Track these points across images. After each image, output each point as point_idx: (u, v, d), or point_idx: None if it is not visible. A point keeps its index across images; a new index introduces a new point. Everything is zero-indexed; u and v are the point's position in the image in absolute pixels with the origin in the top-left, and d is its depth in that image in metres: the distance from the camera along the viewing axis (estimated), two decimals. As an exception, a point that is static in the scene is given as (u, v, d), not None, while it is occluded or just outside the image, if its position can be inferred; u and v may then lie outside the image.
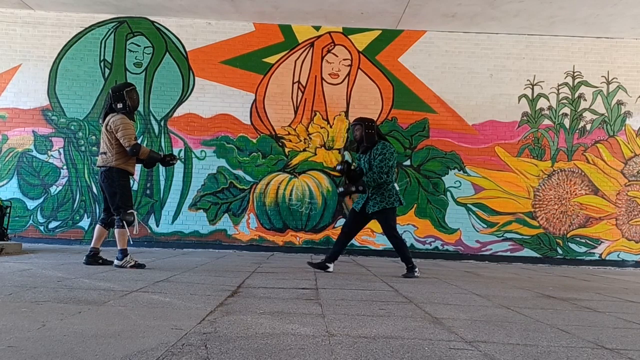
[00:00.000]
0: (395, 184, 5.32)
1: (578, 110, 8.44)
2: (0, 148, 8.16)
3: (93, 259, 5.07)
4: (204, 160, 8.23)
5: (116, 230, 4.97)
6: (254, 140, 8.27)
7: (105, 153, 5.01)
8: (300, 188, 8.21)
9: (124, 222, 4.92)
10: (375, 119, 5.45)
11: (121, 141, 4.91)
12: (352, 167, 5.48)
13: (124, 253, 4.96)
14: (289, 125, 8.31)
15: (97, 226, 5.20)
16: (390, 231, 5.21)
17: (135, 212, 5.05)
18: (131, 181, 5.28)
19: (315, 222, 8.16)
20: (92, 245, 5.12)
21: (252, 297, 3.38)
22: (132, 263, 4.96)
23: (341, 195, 5.44)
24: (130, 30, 8.37)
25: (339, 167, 5.41)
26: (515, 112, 8.41)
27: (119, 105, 4.99)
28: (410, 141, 8.32)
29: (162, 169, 8.16)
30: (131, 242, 5.31)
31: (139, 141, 5.02)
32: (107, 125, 4.99)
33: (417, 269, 5.21)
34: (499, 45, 8.46)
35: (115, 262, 4.97)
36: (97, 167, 5.15)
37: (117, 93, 5.00)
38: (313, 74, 8.40)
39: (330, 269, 5.29)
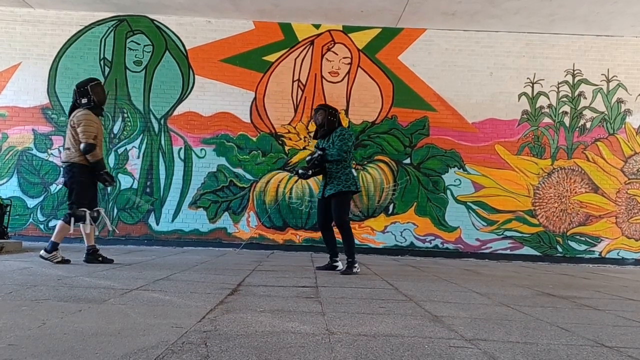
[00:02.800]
0: (353, 170, 5.31)
1: (578, 109, 8.43)
2: (0, 146, 8.16)
3: (93, 256, 5.06)
4: (204, 158, 8.23)
5: (59, 223, 4.94)
6: (254, 139, 8.27)
7: (69, 148, 4.98)
8: (300, 186, 8.21)
9: (71, 218, 4.88)
10: (338, 110, 5.50)
11: (79, 136, 4.87)
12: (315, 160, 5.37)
13: (54, 247, 4.90)
14: (289, 124, 8.31)
15: (81, 225, 5.12)
16: (340, 217, 5.10)
17: (102, 210, 5.03)
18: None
19: (315, 220, 8.16)
20: (86, 245, 5.11)
21: (252, 295, 3.38)
22: (59, 259, 4.90)
23: (300, 176, 5.41)
24: (130, 29, 8.36)
25: (314, 156, 5.24)
26: (515, 110, 8.41)
27: (84, 101, 4.95)
28: (410, 139, 8.32)
29: (162, 166, 8.16)
30: (97, 235, 5.21)
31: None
32: (71, 120, 4.95)
33: (357, 265, 5.12)
34: (499, 43, 8.45)
35: (42, 252, 4.92)
36: (62, 162, 5.13)
37: (81, 88, 4.97)
38: (313, 72, 8.40)
39: (340, 266, 5.26)
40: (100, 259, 5.07)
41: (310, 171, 5.26)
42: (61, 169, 8.09)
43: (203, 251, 7.58)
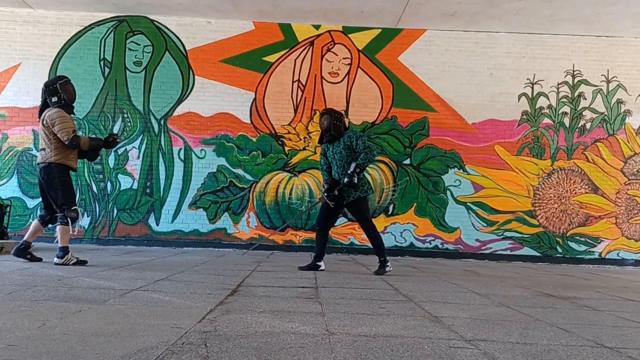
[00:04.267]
0: (365, 173, 5.34)
1: (578, 109, 8.43)
2: (0, 147, 8.16)
3: (23, 252, 5.00)
4: (204, 159, 8.23)
5: (59, 227, 4.87)
6: (254, 139, 8.27)
7: (44, 149, 4.91)
8: (300, 187, 8.21)
9: (68, 219, 4.85)
10: (343, 114, 5.54)
11: (59, 135, 4.80)
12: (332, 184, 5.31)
13: (64, 251, 4.86)
14: (289, 124, 8.31)
15: (35, 221, 5.13)
16: (365, 221, 5.23)
17: (78, 209, 4.98)
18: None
19: (315, 220, 8.15)
20: (25, 238, 5.06)
21: (252, 296, 3.38)
22: (74, 260, 4.86)
23: (331, 199, 5.26)
24: (130, 29, 8.36)
25: (332, 195, 5.18)
26: (515, 110, 8.41)
27: (54, 99, 4.89)
28: (410, 140, 8.32)
29: (162, 167, 8.16)
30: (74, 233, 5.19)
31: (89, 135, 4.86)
32: (43, 120, 4.88)
33: (389, 264, 5.20)
34: (499, 44, 8.45)
35: (55, 260, 4.85)
36: (37, 164, 5.05)
37: (50, 87, 4.90)
38: (313, 72, 8.40)
39: (322, 267, 5.29)
40: (29, 256, 5.01)
41: (356, 175, 5.10)
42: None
43: (203, 252, 7.58)
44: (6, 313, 2.50)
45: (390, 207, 8.24)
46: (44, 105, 4.97)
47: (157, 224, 8.13)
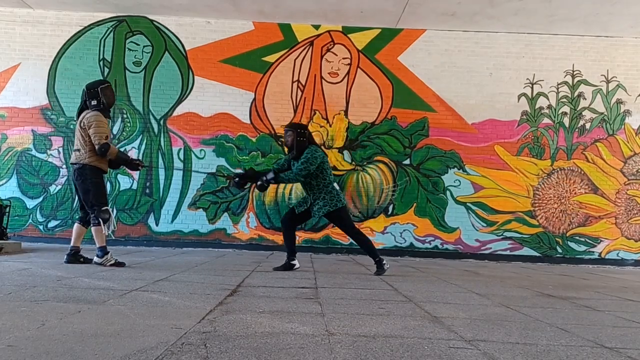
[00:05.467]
0: (335, 184, 5.26)
1: (577, 109, 8.44)
2: (-1, 147, 8.16)
3: (74, 257, 5.03)
4: (204, 159, 8.23)
5: (93, 229, 4.93)
6: (254, 139, 8.27)
7: (78, 150, 4.97)
8: (299, 187, 8.20)
9: (100, 220, 4.88)
10: (306, 125, 5.56)
11: (92, 138, 4.86)
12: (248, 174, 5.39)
13: (103, 251, 4.91)
14: (289, 124, 8.30)
15: (76, 224, 5.17)
16: (348, 229, 5.22)
17: (110, 210, 5.02)
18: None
19: (314, 220, 8.15)
20: (71, 244, 5.09)
21: (252, 296, 3.38)
22: (112, 261, 4.90)
23: (259, 188, 5.30)
24: (129, 29, 8.36)
25: (266, 178, 5.19)
26: (515, 110, 8.41)
27: (93, 102, 4.95)
28: (409, 140, 8.32)
29: (161, 167, 8.15)
30: (113, 237, 5.27)
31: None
32: (81, 121, 4.95)
33: (385, 261, 5.18)
34: (498, 44, 8.45)
35: (95, 259, 4.92)
36: (71, 164, 5.10)
37: (91, 90, 4.96)
38: (312, 72, 8.40)
39: (297, 265, 5.26)
40: (81, 259, 5.04)
41: (267, 183, 5.17)
42: (60, 169, 8.10)
43: (202, 252, 7.58)
44: (6, 313, 2.50)
45: (390, 208, 8.23)
46: (83, 107, 5.04)
47: (157, 225, 8.12)
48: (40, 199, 8.09)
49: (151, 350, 1.93)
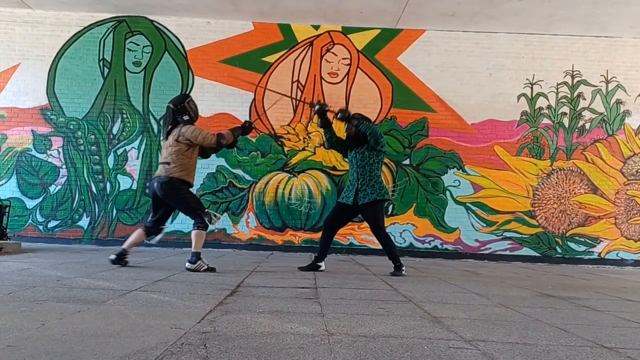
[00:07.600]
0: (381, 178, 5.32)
1: (577, 109, 8.44)
2: (-1, 147, 8.16)
3: (121, 259, 4.99)
4: (203, 159, 8.20)
5: (194, 232, 4.89)
6: (253, 140, 8.26)
7: (168, 163, 4.97)
8: (299, 187, 8.21)
9: (206, 223, 4.88)
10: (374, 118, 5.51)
11: (204, 142, 4.98)
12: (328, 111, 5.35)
13: (197, 256, 4.83)
14: (288, 125, 8.31)
15: (139, 230, 5.12)
16: (377, 226, 5.18)
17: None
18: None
19: (314, 221, 8.16)
20: (125, 246, 5.05)
21: (252, 296, 3.38)
22: (205, 267, 4.83)
23: (318, 112, 5.30)
24: (129, 30, 8.36)
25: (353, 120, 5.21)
26: (515, 111, 8.41)
27: (186, 117, 5.06)
28: (409, 140, 8.32)
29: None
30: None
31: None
32: (177, 136, 4.97)
33: (404, 268, 5.20)
34: (498, 44, 8.45)
35: (187, 264, 4.83)
36: (156, 176, 5.06)
37: (179, 106, 5.07)
38: (312, 73, 8.40)
39: (323, 267, 5.28)
40: (123, 263, 5.00)
41: (327, 110, 5.22)
42: (60, 169, 8.09)
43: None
44: (5, 314, 2.50)
45: (390, 208, 8.23)
46: (174, 124, 5.07)
47: (157, 225, 8.10)
48: (40, 199, 8.08)
49: (151, 350, 1.93)
